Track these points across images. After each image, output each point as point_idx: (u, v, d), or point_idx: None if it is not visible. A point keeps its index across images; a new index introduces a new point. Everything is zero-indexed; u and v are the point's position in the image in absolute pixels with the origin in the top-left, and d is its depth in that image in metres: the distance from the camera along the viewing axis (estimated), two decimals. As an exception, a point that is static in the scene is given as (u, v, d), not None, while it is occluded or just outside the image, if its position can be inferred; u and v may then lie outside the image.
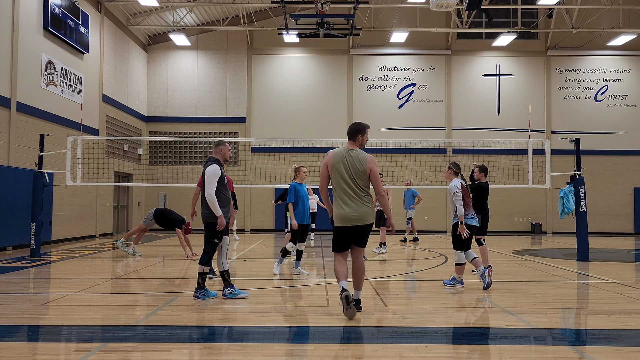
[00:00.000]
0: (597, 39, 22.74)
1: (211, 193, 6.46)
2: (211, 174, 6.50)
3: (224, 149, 6.79)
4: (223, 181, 6.63)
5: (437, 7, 15.59)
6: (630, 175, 22.98)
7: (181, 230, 11.56)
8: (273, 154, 21.07)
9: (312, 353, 4.37)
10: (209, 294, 6.64)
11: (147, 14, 21.14)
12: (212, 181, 6.48)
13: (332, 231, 5.91)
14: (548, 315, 5.96)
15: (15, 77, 13.62)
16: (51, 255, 12.09)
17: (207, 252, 6.65)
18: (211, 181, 6.48)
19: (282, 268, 10.05)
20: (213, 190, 6.48)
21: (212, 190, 6.47)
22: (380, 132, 22.69)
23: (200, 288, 6.62)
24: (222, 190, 6.61)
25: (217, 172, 6.53)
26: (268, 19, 22.51)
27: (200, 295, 6.59)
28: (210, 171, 6.52)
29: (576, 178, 11.68)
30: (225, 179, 6.70)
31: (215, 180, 6.50)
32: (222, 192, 6.62)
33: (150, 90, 23.01)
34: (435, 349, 4.53)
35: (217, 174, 6.52)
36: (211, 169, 6.53)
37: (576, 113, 23.30)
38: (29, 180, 12.84)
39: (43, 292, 7.36)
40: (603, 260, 11.78)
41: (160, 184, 18.67)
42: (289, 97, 23.10)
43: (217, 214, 6.48)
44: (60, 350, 4.50)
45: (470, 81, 23.32)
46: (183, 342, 4.71)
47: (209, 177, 6.48)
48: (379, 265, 10.87)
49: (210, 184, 6.47)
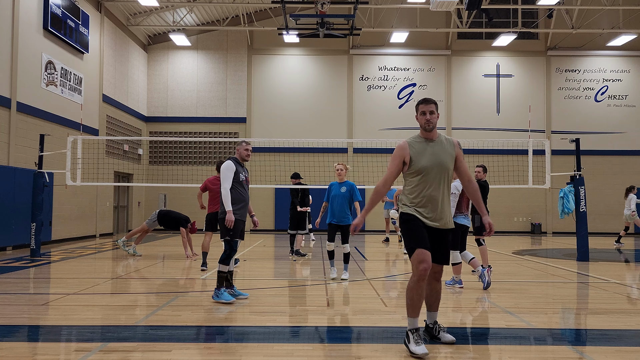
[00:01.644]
0: (597, 39, 22.73)
1: (226, 187, 6.47)
2: (225, 169, 6.54)
3: (240, 148, 6.78)
4: (238, 178, 6.58)
5: (437, 7, 15.59)
6: (630, 175, 22.94)
7: (186, 229, 11.56)
8: (273, 154, 21.05)
9: (312, 353, 4.37)
10: (222, 297, 6.40)
11: (147, 14, 21.14)
12: (226, 175, 6.50)
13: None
14: (548, 315, 5.96)
15: (15, 77, 13.61)
16: (51, 255, 12.09)
17: (225, 250, 6.56)
18: (225, 175, 6.50)
19: (284, 267, 10.06)
20: (228, 184, 6.48)
21: (227, 184, 6.48)
22: (380, 132, 22.71)
23: (217, 289, 6.48)
24: (237, 187, 6.58)
25: (231, 167, 6.53)
26: (268, 19, 22.51)
27: (214, 296, 6.46)
28: (225, 166, 6.56)
29: (576, 178, 11.69)
30: (241, 177, 6.61)
31: (230, 175, 6.50)
32: (238, 189, 6.58)
33: (150, 90, 23.01)
34: (435, 348, 4.53)
35: (231, 168, 6.52)
36: (225, 164, 6.58)
37: (576, 113, 23.29)
38: (29, 180, 12.84)
39: (43, 292, 7.36)
40: (603, 261, 11.77)
41: (160, 184, 18.67)
42: (289, 97, 23.09)
43: (227, 208, 6.46)
44: (60, 350, 4.50)
45: (470, 81, 23.32)
46: (183, 342, 4.71)
47: (224, 172, 6.52)
48: (378, 265, 10.87)
49: (225, 178, 6.49)
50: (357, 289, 7.58)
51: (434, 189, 4.43)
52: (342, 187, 8.58)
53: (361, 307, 6.26)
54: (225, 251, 6.54)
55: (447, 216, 4.51)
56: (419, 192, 4.46)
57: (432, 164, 4.43)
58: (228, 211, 6.45)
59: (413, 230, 4.43)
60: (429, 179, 4.43)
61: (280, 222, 22.08)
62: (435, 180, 4.44)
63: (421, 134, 4.58)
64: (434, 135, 4.54)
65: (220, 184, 6.55)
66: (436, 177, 4.43)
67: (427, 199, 4.44)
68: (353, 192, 8.54)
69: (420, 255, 4.33)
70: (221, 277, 6.49)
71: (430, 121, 4.47)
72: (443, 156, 4.47)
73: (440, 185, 4.45)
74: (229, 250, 6.54)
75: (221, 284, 6.48)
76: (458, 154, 4.56)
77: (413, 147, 4.49)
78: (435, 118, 4.47)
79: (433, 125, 4.47)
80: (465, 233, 7.70)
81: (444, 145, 4.52)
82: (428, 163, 4.42)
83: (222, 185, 6.49)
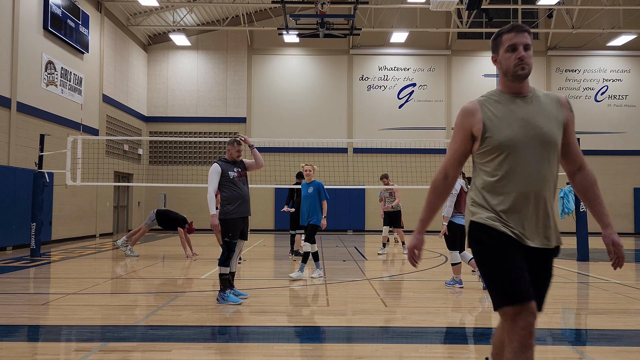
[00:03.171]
0: (597, 39, 22.73)
1: (210, 191, 6.54)
2: (210, 173, 6.62)
3: (231, 149, 6.77)
4: (228, 177, 6.57)
5: (437, 7, 15.59)
6: (630, 175, 22.97)
7: (184, 230, 11.57)
8: (273, 154, 21.04)
9: (312, 353, 4.36)
10: (228, 299, 6.32)
11: (147, 14, 21.14)
12: (210, 179, 6.58)
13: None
14: (548, 315, 5.96)
15: (15, 77, 13.61)
16: (51, 255, 12.09)
17: (222, 252, 6.51)
18: (210, 179, 6.59)
19: (284, 267, 10.06)
20: (211, 188, 6.54)
21: (210, 188, 6.54)
22: (380, 132, 22.71)
23: (221, 291, 6.41)
24: (230, 186, 6.55)
25: (216, 170, 6.57)
26: (268, 19, 22.51)
27: (220, 298, 6.38)
28: (210, 170, 6.63)
29: (576, 178, 11.66)
30: (231, 174, 6.57)
31: (214, 178, 6.55)
32: (231, 187, 6.55)
33: (150, 90, 23.01)
34: (435, 349, 4.53)
35: (215, 171, 6.57)
36: (211, 169, 6.64)
37: (576, 113, 22.95)
38: (29, 180, 12.84)
39: (43, 292, 7.36)
40: (603, 260, 11.77)
41: (160, 184, 18.67)
42: (289, 97, 23.10)
43: (210, 212, 6.57)
44: (60, 350, 4.50)
45: (470, 81, 23.32)
46: (183, 342, 4.70)
47: (209, 176, 6.61)
48: (378, 265, 10.87)
49: (210, 182, 6.57)
50: (357, 289, 7.57)
51: (532, 179, 2.59)
52: (309, 188, 8.60)
53: (361, 307, 6.25)
54: (223, 253, 6.48)
55: (553, 226, 2.71)
56: (505, 185, 2.61)
57: (525, 135, 2.58)
58: (211, 215, 6.53)
59: (497, 258, 2.57)
60: (519, 161, 2.58)
61: (280, 222, 22.08)
62: (531, 162, 2.58)
63: (504, 87, 2.70)
64: (526, 89, 2.67)
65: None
66: (533, 158, 2.58)
67: (519, 199, 2.59)
68: (320, 191, 8.54)
69: (518, 307, 2.50)
70: (224, 280, 6.41)
71: (525, 61, 2.60)
72: (543, 121, 2.61)
73: (542, 171, 2.60)
74: (227, 251, 6.47)
75: (225, 287, 6.40)
76: (568, 119, 2.71)
77: (488, 109, 2.65)
78: (531, 58, 2.63)
79: (529, 70, 2.61)
80: (464, 233, 7.69)
81: (542, 104, 2.66)
82: (516, 134, 2.58)
83: (208, 187, 6.56)
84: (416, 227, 2.84)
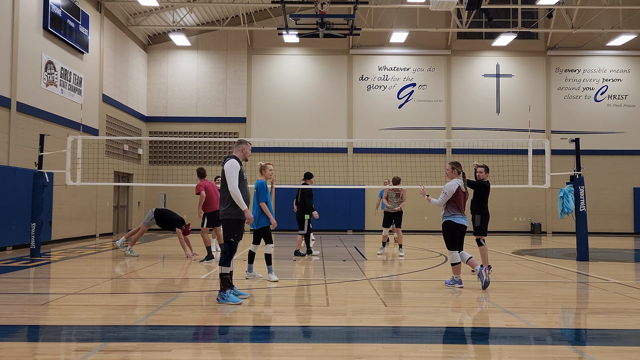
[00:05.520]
0: (597, 39, 22.74)
1: (235, 186, 6.23)
2: (230, 167, 6.29)
3: (246, 147, 6.58)
4: (243, 177, 6.43)
5: (437, 7, 15.58)
6: (630, 175, 22.98)
7: (181, 230, 11.59)
8: (273, 154, 21.06)
9: (312, 353, 4.37)
10: (229, 299, 6.26)
11: (147, 14, 21.13)
12: (232, 175, 6.26)
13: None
14: (548, 315, 5.96)
15: (15, 77, 13.61)
16: (51, 255, 12.09)
17: (224, 252, 6.39)
18: (232, 175, 6.26)
19: (284, 267, 10.06)
20: (236, 183, 6.25)
21: (235, 183, 6.24)
22: (380, 132, 22.72)
23: (222, 291, 6.34)
24: (243, 186, 6.43)
25: (236, 165, 6.33)
26: (268, 19, 22.51)
27: (220, 298, 6.32)
28: (230, 164, 6.32)
29: (576, 178, 11.69)
30: (245, 176, 6.47)
31: (236, 174, 6.27)
32: (242, 188, 6.41)
33: (150, 90, 23.01)
34: (435, 348, 4.53)
35: (236, 167, 6.31)
36: (230, 163, 6.33)
37: (576, 113, 23.29)
38: (29, 180, 12.84)
39: (43, 292, 7.36)
40: (603, 260, 11.78)
41: (160, 184, 18.67)
42: (289, 97, 23.10)
43: (242, 207, 6.28)
44: (60, 350, 4.50)
45: (470, 81, 23.32)
46: (183, 342, 4.71)
47: (229, 171, 6.27)
48: (378, 265, 10.87)
49: (231, 177, 6.25)
50: (357, 289, 7.58)
51: None
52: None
53: (361, 307, 6.25)
54: (225, 252, 6.40)
55: None
56: None
57: None
58: (244, 210, 6.32)
59: None
60: None
61: (280, 222, 22.01)
62: None
63: None
64: None
65: (226, 185, 6.28)
66: None
67: None
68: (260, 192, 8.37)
69: None
70: (224, 279, 6.36)
71: None
72: None
73: None
74: (229, 251, 6.41)
75: (225, 286, 6.35)
76: None
77: None
78: None
79: None
80: (463, 233, 7.70)
81: None
82: None
83: (230, 184, 6.23)
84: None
